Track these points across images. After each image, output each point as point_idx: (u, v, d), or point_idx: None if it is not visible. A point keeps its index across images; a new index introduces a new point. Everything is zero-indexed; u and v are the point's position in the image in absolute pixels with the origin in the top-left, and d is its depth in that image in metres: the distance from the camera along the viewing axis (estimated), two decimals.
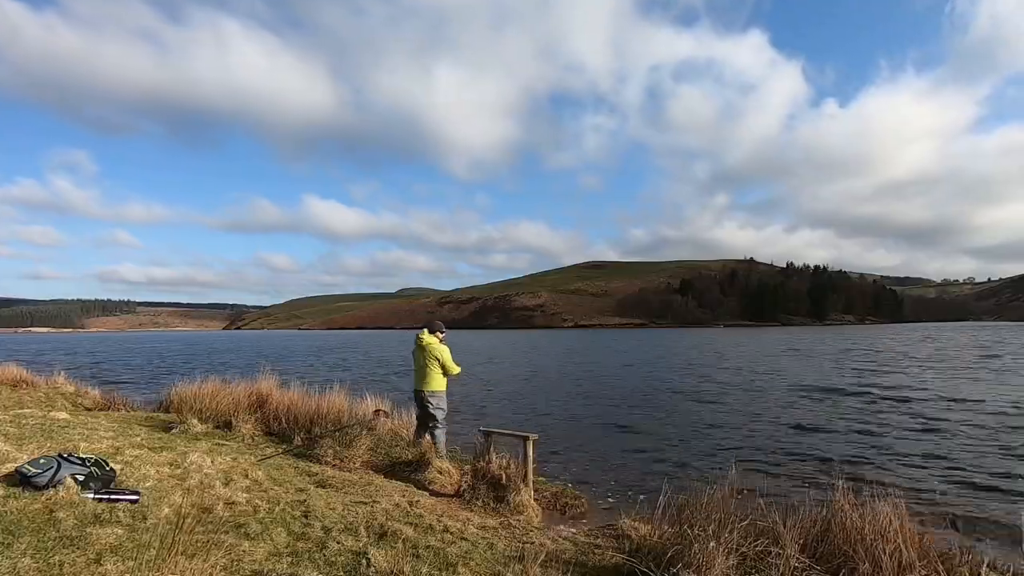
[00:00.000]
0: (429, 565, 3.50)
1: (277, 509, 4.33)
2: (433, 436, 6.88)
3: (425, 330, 7.09)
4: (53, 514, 3.57)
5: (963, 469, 7.52)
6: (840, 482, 4.00)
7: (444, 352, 6.92)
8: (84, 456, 4.38)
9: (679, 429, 10.64)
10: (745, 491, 6.31)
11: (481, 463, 5.92)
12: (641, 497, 6.48)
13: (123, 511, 3.77)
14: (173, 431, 7.31)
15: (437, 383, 6.90)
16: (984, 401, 13.26)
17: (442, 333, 7.12)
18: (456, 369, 7.02)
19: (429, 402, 6.85)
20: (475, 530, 4.44)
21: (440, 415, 6.90)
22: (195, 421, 7.56)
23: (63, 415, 7.80)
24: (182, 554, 2.90)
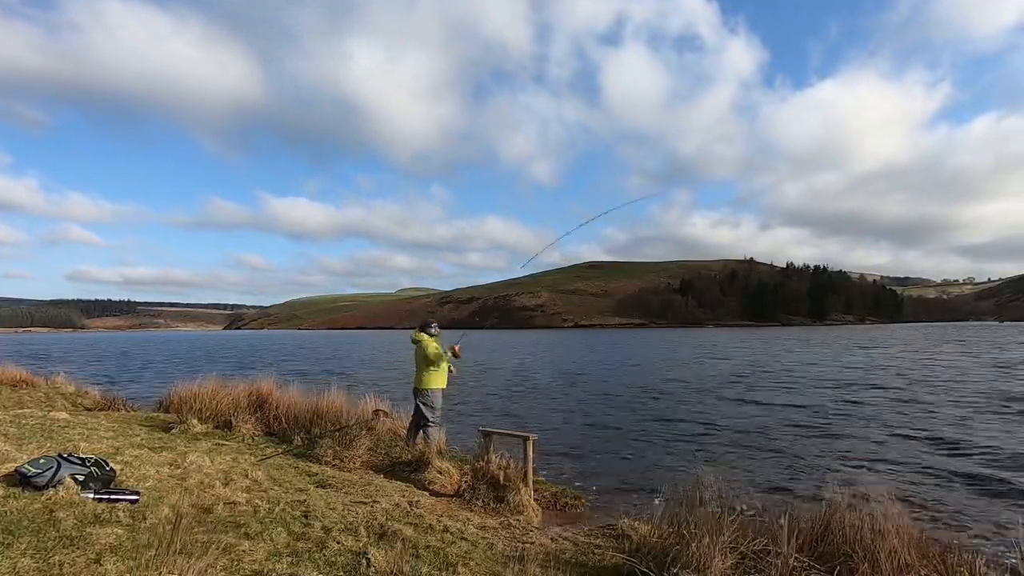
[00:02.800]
0: (429, 565, 3.50)
1: (277, 509, 4.33)
2: (425, 434, 6.89)
3: (417, 329, 7.22)
4: (53, 514, 3.57)
5: (962, 469, 7.52)
6: (838, 482, 4.01)
7: (431, 345, 6.94)
8: (84, 456, 4.38)
9: (678, 429, 10.64)
10: (744, 491, 6.33)
11: (481, 463, 5.92)
12: (641, 497, 6.49)
13: (123, 511, 3.78)
14: (173, 431, 7.32)
15: (433, 381, 6.94)
16: (981, 401, 13.27)
17: (435, 332, 7.20)
18: (446, 360, 6.95)
19: (424, 400, 6.90)
20: (475, 530, 4.44)
21: (431, 414, 6.91)
22: (195, 421, 7.57)
23: (63, 415, 7.81)
24: (182, 554, 2.90)
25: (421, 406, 6.92)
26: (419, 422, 7.02)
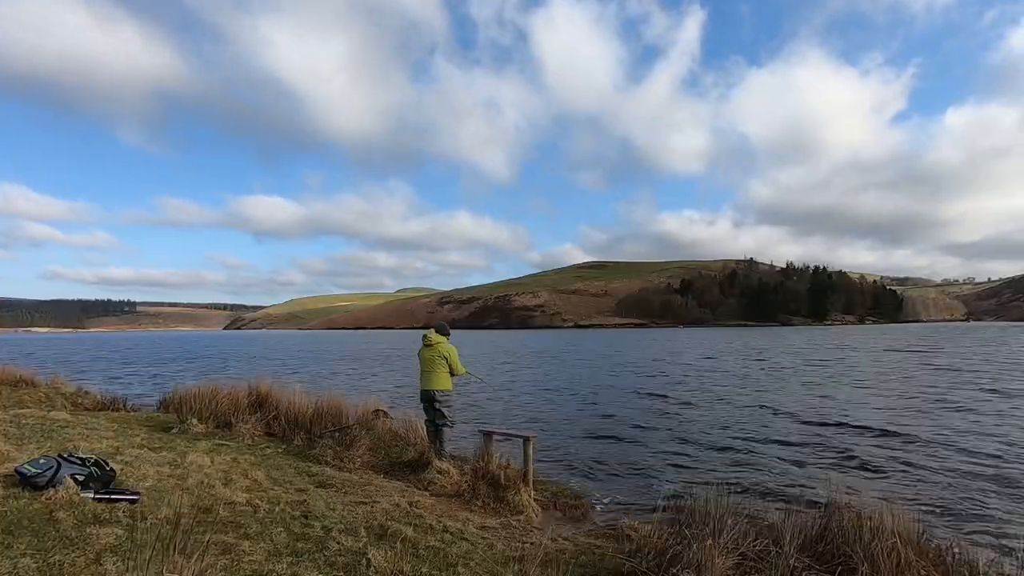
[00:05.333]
0: (429, 565, 3.50)
1: (277, 509, 4.33)
2: (440, 434, 6.92)
3: (432, 330, 7.19)
4: (53, 514, 3.57)
5: (961, 467, 7.51)
6: (838, 482, 4.01)
7: (452, 352, 7.02)
8: (84, 456, 4.38)
9: (678, 430, 10.64)
10: (744, 491, 6.33)
11: (481, 463, 5.92)
12: (641, 497, 6.49)
13: (123, 511, 3.78)
14: (173, 431, 7.32)
15: (445, 382, 6.98)
16: (979, 402, 13.27)
17: (447, 334, 7.23)
18: (463, 370, 7.16)
19: (439, 400, 6.91)
20: (475, 530, 4.44)
21: (449, 412, 6.98)
22: (195, 421, 7.56)
23: (63, 415, 7.81)
24: (182, 554, 2.90)
25: (441, 407, 6.95)
26: (437, 423, 7.02)
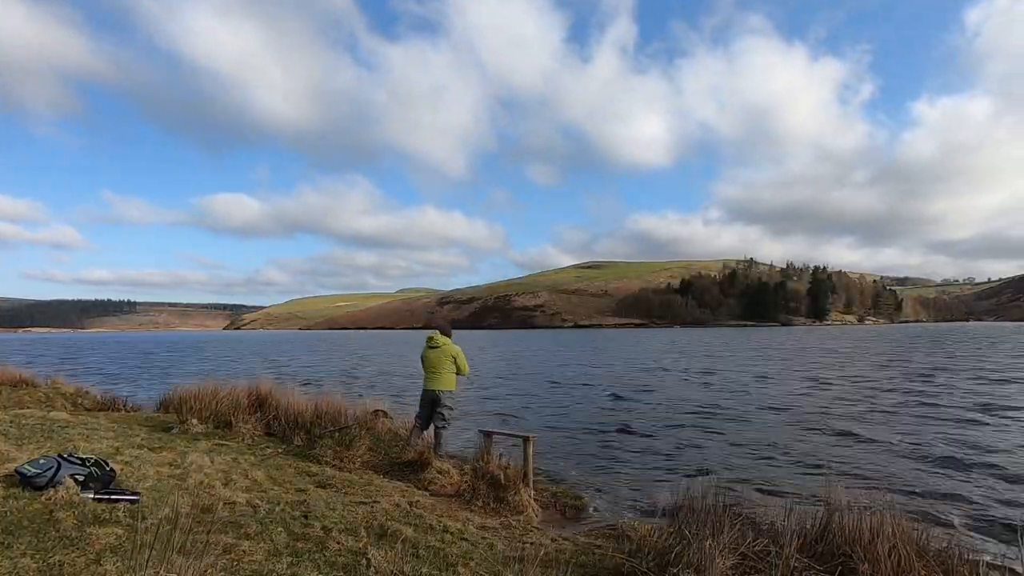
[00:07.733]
0: (429, 565, 3.50)
1: (277, 509, 4.33)
2: (437, 435, 6.94)
3: (438, 331, 7.24)
4: (53, 514, 3.57)
5: (960, 468, 7.51)
6: (838, 482, 4.01)
7: (459, 352, 7.09)
8: (84, 456, 4.38)
9: (678, 430, 10.64)
10: (744, 491, 6.33)
11: (481, 463, 5.92)
12: (641, 497, 6.49)
13: (123, 511, 3.78)
14: (173, 431, 7.32)
15: (450, 383, 7.02)
16: (984, 403, 13.27)
17: (450, 335, 7.29)
18: (467, 369, 7.25)
19: (443, 402, 6.95)
20: (475, 530, 4.44)
21: (449, 414, 7.02)
22: (195, 421, 7.57)
23: (63, 415, 7.81)
24: (182, 554, 2.90)
25: (442, 408, 6.97)
26: (430, 423, 7.03)
